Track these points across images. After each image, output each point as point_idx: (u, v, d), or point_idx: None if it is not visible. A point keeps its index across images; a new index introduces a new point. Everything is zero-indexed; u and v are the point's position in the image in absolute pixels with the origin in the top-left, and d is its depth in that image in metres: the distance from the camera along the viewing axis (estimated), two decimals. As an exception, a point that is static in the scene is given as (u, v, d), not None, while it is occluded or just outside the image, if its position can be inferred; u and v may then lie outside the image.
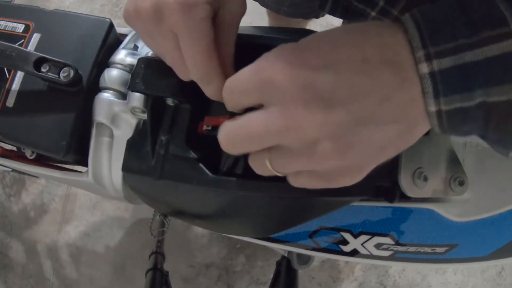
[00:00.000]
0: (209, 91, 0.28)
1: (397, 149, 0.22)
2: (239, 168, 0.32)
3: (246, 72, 0.22)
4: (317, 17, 0.68)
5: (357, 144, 0.20)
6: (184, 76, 0.29)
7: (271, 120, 0.21)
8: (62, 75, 0.35)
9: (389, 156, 0.22)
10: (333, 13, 0.52)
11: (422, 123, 0.21)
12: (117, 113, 0.37)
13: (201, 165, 0.33)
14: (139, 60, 0.34)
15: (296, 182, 0.24)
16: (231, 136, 0.23)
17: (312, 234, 0.41)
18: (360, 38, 0.21)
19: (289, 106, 0.20)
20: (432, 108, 0.20)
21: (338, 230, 0.41)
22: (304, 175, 0.23)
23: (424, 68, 0.19)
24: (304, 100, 0.20)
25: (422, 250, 0.39)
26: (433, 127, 0.21)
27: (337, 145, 0.20)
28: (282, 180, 0.28)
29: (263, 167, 0.24)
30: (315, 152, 0.21)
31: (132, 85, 0.34)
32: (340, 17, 0.53)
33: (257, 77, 0.21)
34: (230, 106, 0.25)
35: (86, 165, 0.40)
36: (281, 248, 0.56)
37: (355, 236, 0.40)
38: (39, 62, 0.35)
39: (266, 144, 0.22)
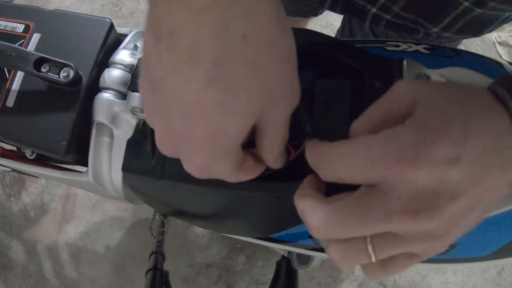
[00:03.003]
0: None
1: None
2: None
3: (367, 155, 0.20)
4: (316, 15, 0.69)
5: (462, 226, 0.21)
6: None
7: (396, 210, 0.19)
8: (62, 75, 0.35)
9: None
10: (333, 9, 0.52)
11: None
12: (117, 113, 0.37)
13: (201, 165, 0.33)
14: (139, 60, 0.34)
15: (390, 267, 0.22)
16: (344, 216, 0.21)
17: (312, 234, 0.41)
18: (482, 123, 0.20)
19: (418, 198, 0.19)
20: None
21: (338, 230, 0.41)
22: (400, 258, 0.22)
23: None
24: (436, 193, 0.19)
25: (422, 250, 0.39)
26: None
27: (449, 230, 0.20)
28: (282, 180, 0.28)
29: (360, 253, 0.21)
30: (427, 238, 0.20)
31: (132, 85, 0.34)
32: (340, 13, 0.53)
33: (386, 168, 0.19)
34: (324, 175, 0.22)
35: (86, 165, 0.40)
36: (281, 248, 0.56)
37: (355, 236, 0.40)
38: (39, 62, 0.35)
39: (376, 231, 0.21)
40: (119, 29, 0.42)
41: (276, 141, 0.24)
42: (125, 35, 0.41)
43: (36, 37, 0.39)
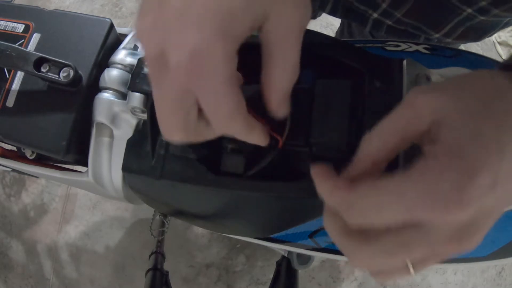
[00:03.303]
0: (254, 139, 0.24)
1: None
2: (239, 168, 0.32)
3: (403, 202, 0.19)
4: (314, 17, 0.68)
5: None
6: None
7: (437, 242, 0.19)
8: (62, 75, 0.35)
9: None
10: (333, 13, 0.52)
11: None
12: (117, 113, 0.37)
13: (201, 165, 0.33)
14: (139, 60, 0.34)
15: (420, 267, 0.22)
16: (389, 250, 0.20)
17: (312, 234, 0.41)
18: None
19: (461, 230, 0.19)
20: None
21: (338, 230, 0.41)
22: (431, 259, 0.22)
23: None
24: (477, 219, 0.19)
25: (422, 250, 0.39)
26: None
27: (480, 240, 0.21)
28: (282, 180, 0.28)
29: (401, 272, 0.21)
30: (460, 251, 0.20)
31: (132, 85, 0.34)
32: (340, 17, 0.53)
33: (429, 215, 0.19)
34: (352, 221, 0.21)
35: (86, 165, 0.40)
36: (281, 248, 0.56)
37: (355, 236, 0.40)
38: (39, 62, 0.35)
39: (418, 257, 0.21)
40: (119, 29, 0.42)
41: (285, 64, 0.22)
42: (125, 35, 0.41)
43: (36, 37, 0.39)
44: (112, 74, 0.37)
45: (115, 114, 0.37)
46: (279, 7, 0.21)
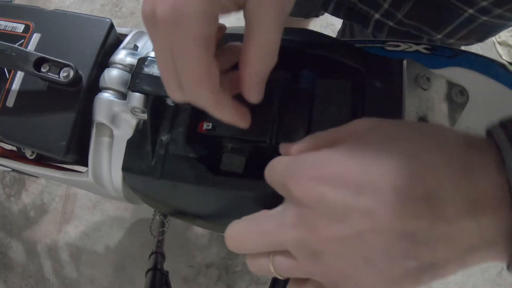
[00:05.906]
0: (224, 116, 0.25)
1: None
2: (239, 168, 0.32)
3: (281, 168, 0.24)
4: (317, 16, 0.69)
5: (357, 268, 0.20)
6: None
7: (285, 224, 0.21)
8: (62, 75, 0.35)
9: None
10: (336, 14, 0.52)
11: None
12: (117, 113, 0.37)
13: (201, 165, 0.33)
14: (139, 60, 0.34)
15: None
16: (240, 234, 0.24)
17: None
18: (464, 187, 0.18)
19: (301, 214, 0.21)
20: None
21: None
22: (308, 285, 0.23)
23: None
24: (316, 213, 0.20)
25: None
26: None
27: (333, 261, 0.20)
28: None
29: (266, 267, 0.23)
30: (315, 261, 0.21)
31: (132, 85, 0.34)
32: (343, 18, 0.53)
33: (281, 181, 0.23)
34: (267, 179, 0.26)
35: (86, 165, 0.40)
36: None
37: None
38: (39, 62, 0.35)
39: (272, 246, 0.22)
40: (119, 29, 0.42)
41: (260, 42, 0.22)
42: (125, 35, 0.41)
43: (36, 37, 0.39)
44: (112, 74, 0.37)
45: (115, 114, 0.37)
46: None
